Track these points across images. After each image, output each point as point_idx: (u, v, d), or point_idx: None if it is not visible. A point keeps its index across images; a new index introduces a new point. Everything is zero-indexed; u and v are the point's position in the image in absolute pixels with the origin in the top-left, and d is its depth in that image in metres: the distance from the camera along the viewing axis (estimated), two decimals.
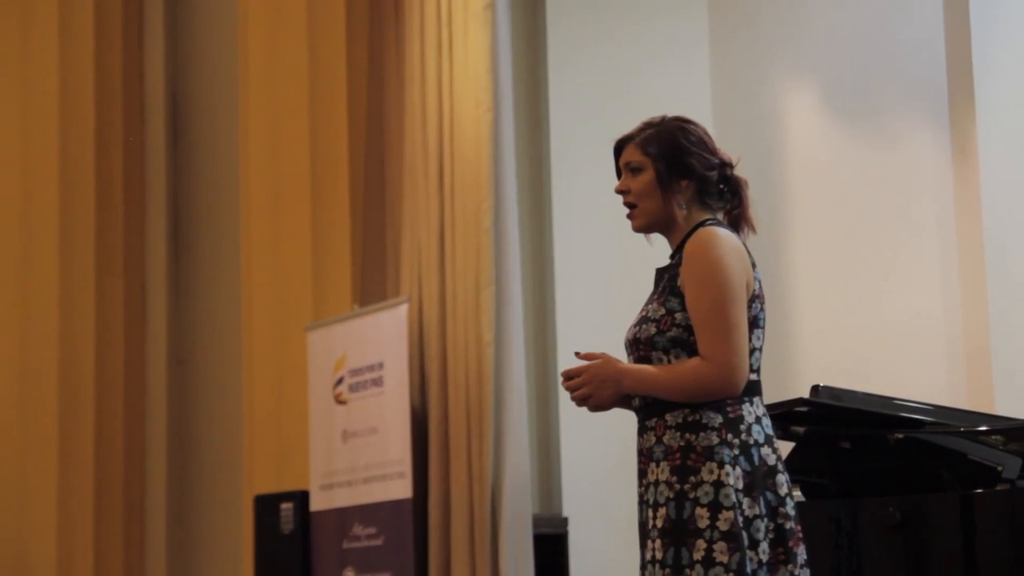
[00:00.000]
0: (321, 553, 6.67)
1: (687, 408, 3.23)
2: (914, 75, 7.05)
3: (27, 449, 7.98)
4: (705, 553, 3.18)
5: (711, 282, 3.22)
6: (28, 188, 8.16)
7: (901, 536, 4.30)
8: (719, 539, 3.17)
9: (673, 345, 3.27)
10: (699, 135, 3.43)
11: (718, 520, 3.17)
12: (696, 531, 3.16)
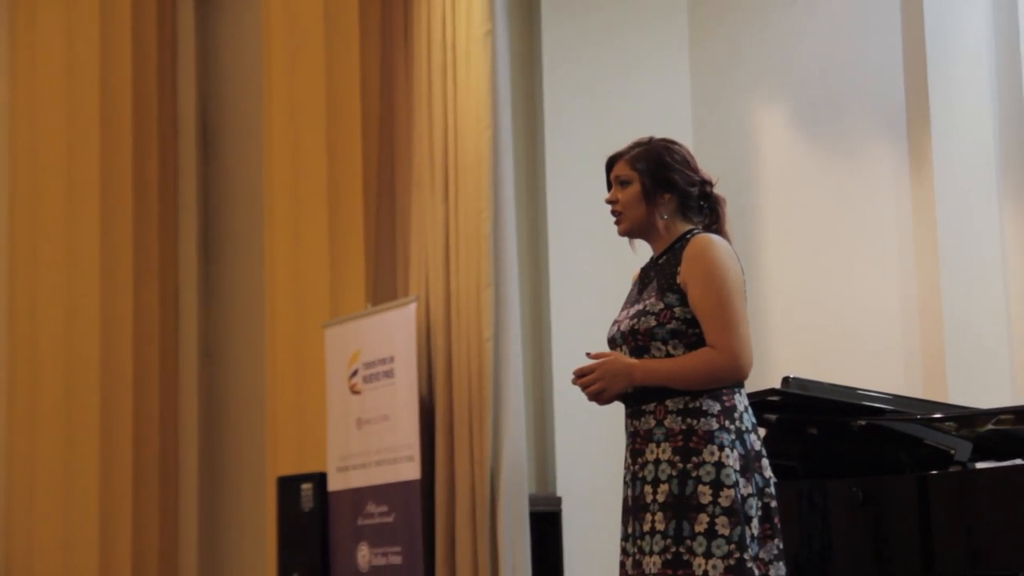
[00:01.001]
0: (338, 529, 6.66)
1: (687, 396, 3.33)
2: (875, 95, 7.04)
3: (72, 433, 7.97)
4: (708, 526, 3.24)
5: (716, 281, 3.34)
6: (72, 197, 8.15)
7: (864, 513, 4.31)
8: (721, 514, 3.24)
9: (672, 336, 3.36)
10: (683, 155, 3.56)
11: (720, 497, 3.25)
12: (699, 506, 3.26)
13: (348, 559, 6.56)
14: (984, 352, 6.68)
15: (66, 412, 7.99)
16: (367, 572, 6.45)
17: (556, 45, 7.19)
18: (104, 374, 8.03)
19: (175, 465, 8.33)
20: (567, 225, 6.99)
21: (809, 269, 7.06)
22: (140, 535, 8.03)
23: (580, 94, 7.15)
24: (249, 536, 8.14)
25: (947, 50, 6.90)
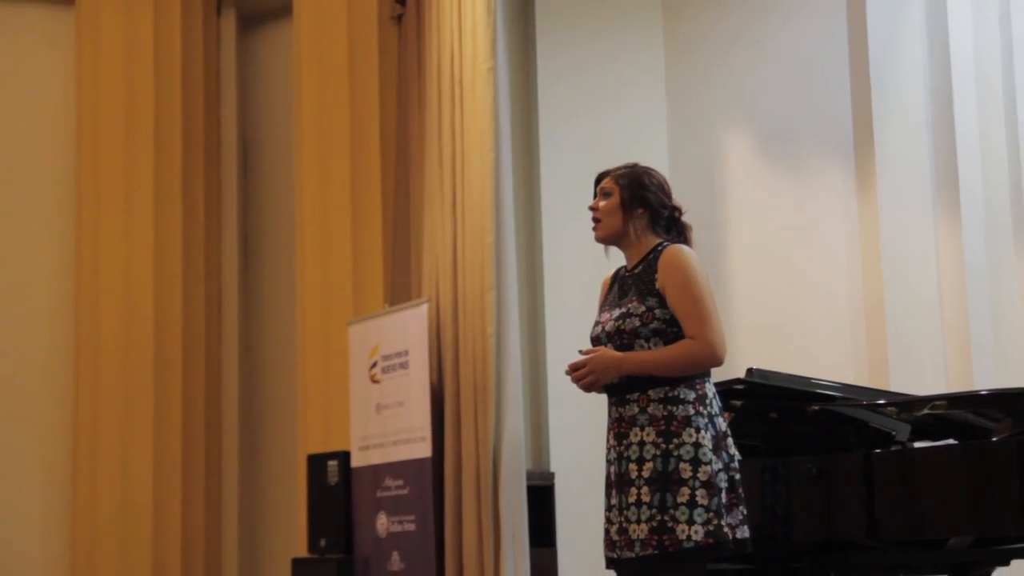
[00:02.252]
0: (360, 501, 6.65)
1: (667, 385, 3.35)
2: (827, 122, 7.06)
3: (129, 418, 7.97)
4: (689, 497, 3.30)
5: (690, 283, 3.39)
6: (129, 211, 8.15)
7: (817, 486, 4.32)
8: (700, 487, 3.31)
9: (653, 334, 3.41)
10: (659, 181, 3.69)
11: (698, 472, 3.31)
12: (680, 480, 3.28)
13: (368, 527, 6.54)
14: (921, 346, 6.68)
15: (124, 398, 7.98)
16: (385, 538, 6.43)
17: (549, 79, 7.21)
18: (157, 366, 8.01)
19: (219, 444, 8.31)
20: (559, 236, 7.00)
21: (770, 274, 7.06)
22: (188, 504, 8.01)
23: (570, 120, 7.16)
24: (282, 506, 8.12)
25: (889, 85, 6.90)
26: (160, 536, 7.89)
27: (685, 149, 7.15)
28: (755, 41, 7.23)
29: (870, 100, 6.88)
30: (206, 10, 8.49)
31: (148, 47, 8.23)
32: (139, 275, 8.07)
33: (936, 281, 6.76)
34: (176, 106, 8.24)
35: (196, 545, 8.02)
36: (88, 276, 8.18)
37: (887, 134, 6.85)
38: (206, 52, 8.48)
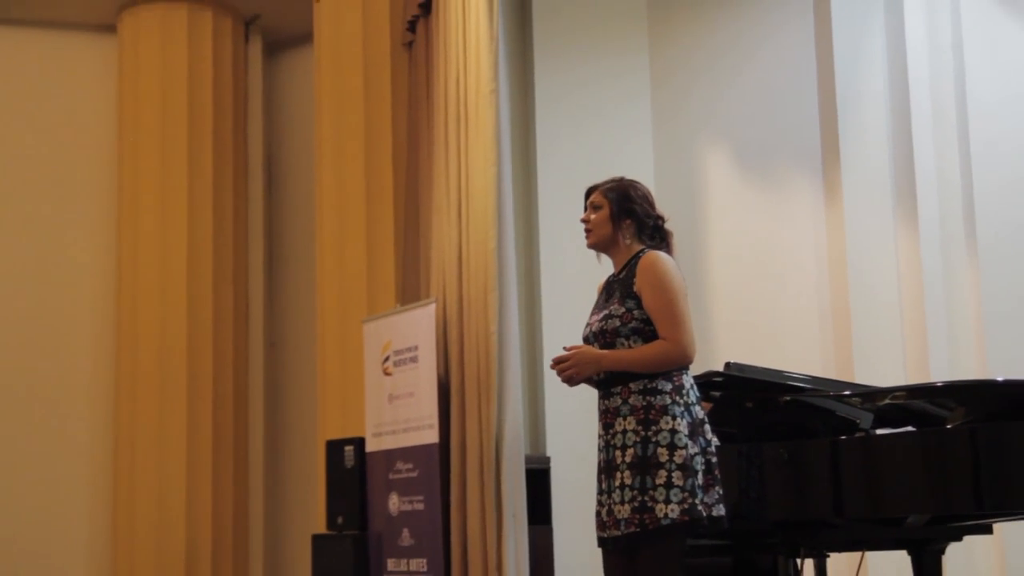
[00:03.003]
0: (374, 482, 6.63)
1: (645, 379, 3.35)
2: (797, 141, 7.07)
3: (164, 407, 8.00)
4: (666, 479, 3.30)
5: (664, 287, 3.39)
6: (165, 219, 8.19)
7: (788, 469, 4.32)
8: (676, 469, 3.30)
9: (632, 333, 3.41)
10: (644, 193, 3.69)
11: (674, 456, 3.29)
12: (658, 464, 3.27)
13: (381, 506, 6.53)
14: (882, 342, 6.68)
15: (159, 389, 8.00)
16: (396, 516, 6.42)
17: (546, 99, 7.21)
18: (190, 360, 8.04)
19: (245, 430, 8.34)
20: (555, 242, 7.00)
21: (745, 276, 7.06)
22: (217, 485, 8.04)
23: (565, 137, 7.17)
24: (303, 487, 8.14)
25: (853, 106, 6.91)
26: (192, 513, 7.91)
27: (669, 163, 7.15)
28: (732, 66, 7.24)
29: (836, 120, 6.89)
30: (234, 37, 8.52)
31: (182, 71, 8.26)
32: (173, 278, 8.09)
33: (896, 284, 6.77)
34: (207, 124, 8.27)
35: (225, 522, 8.05)
36: (127, 279, 8.20)
37: (851, 150, 6.86)
38: (234, 75, 8.51)
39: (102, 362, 8.33)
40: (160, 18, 8.29)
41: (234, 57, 8.51)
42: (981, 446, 3.90)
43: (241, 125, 8.53)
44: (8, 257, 8.32)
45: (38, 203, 8.42)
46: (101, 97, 8.54)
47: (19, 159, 8.45)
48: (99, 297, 8.41)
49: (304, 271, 8.30)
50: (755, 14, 7.23)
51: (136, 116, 8.31)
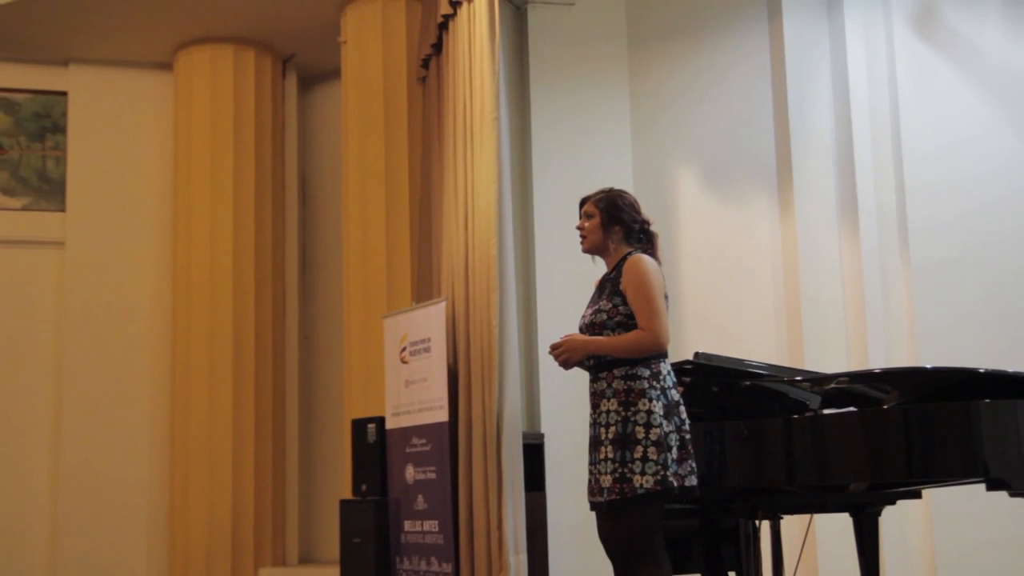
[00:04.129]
0: (392, 455, 6.64)
1: (627, 365, 3.34)
2: (755, 161, 7.08)
3: (213, 390, 7.99)
4: (642, 454, 3.30)
5: (644, 286, 3.38)
6: (214, 230, 8.17)
7: (748, 444, 4.32)
8: (651, 445, 3.28)
9: (617, 326, 3.41)
10: (631, 202, 3.64)
11: (650, 434, 3.27)
12: (636, 440, 3.26)
13: (399, 475, 6.54)
14: (828, 335, 6.69)
15: (209, 376, 7.99)
16: (412, 484, 6.43)
17: (540, 125, 7.23)
18: (235, 350, 8.03)
19: (282, 411, 8.32)
20: (548, 248, 7.02)
21: (711, 277, 7.06)
22: (259, 458, 8.03)
23: (556, 157, 7.18)
24: (332, 459, 8.13)
25: (803, 131, 6.92)
26: (238, 482, 7.91)
27: (645, 179, 7.16)
28: (699, 96, 7.25)
29: (789, 143, 6.91)
30: (273, 73, 8.53)
31: (229, 102, 8.26)
32: (221, 280, 8.08)
33: (840, 285, 6.77)
34: (250, 148, 8.26)
35: (265, 489, 8.04)
36: (181, 283, 8.20)
37: (802, 170, 6.87)
38: (273, 106, 8.51)
39: (160, 353, 8.33)
40: (210, 57, 8.29)
41: (273, 90, 8.51)
42: (912, 424, 3.90)
43: (279, 148, 8.53)
44: (84, 266, 8.32)
45: (108, 216, 8.41)
46: (161, 124, 8.55)
47: (93, 178, 8.45)
48: (158, 297, 8.40)
49: (333, 273, 8.29)
50: (718, 52, 7.23)
51: (189, 140, 8.30)
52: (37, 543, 8.12)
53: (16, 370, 8.24)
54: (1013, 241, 6.92)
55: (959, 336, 6.64)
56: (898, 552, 6.38)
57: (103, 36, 8.18)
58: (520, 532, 5.82)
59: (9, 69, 8.46)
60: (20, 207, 8.43)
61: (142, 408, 8.28)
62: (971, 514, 6.22)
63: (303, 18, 7.94)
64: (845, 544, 5.16)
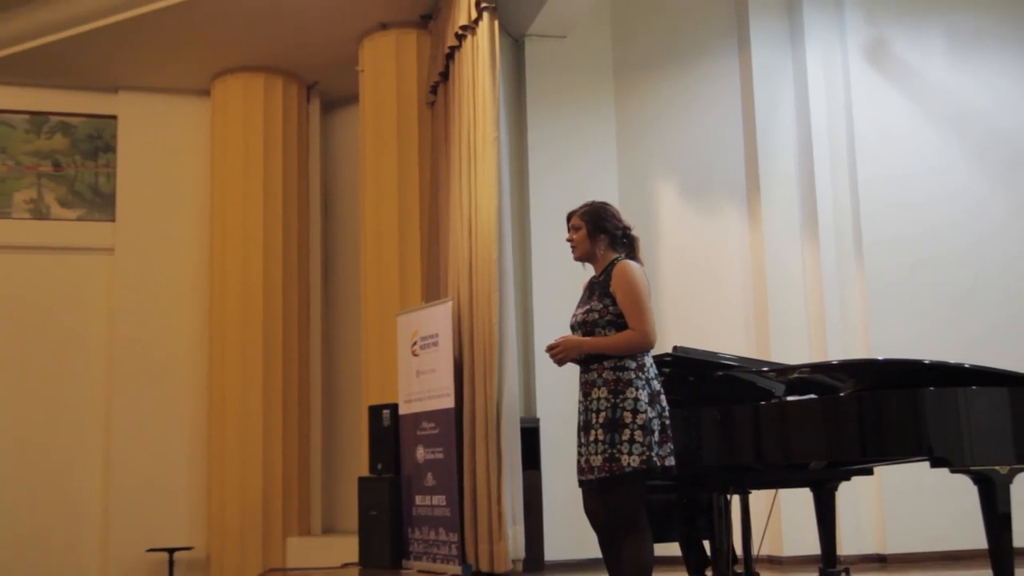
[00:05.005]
0: (405, 437, 6.63)
1: (615, 359, 3.31)
2: (728, 178, 7.09)
3: (246, 381, 7.99)
4: (629, 437, 3.27)
5: (632, 290, 3.36)
6: (246, 239, 8.16)
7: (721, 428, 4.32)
8: (637, 429, 3.27)
9: (608, 324, 3.39)
10: (613, 212, 3.62)
11: (636, 419, 3.27)
12: (624, 424, 3.25)
13: (411, 455, 6.53)
14: (792, 330, 6.70)
15: (242, 369, 7.98)
16: (422, 463, 6.42)
17: (536, 144, 7.24)
18: (265, 345, 8.02)
19: (307, 398, 8.31)
20: (543, 254, 7.02)
21: (689, 279, 7.06)
22: (287, 440, 8.03)
23: (550, 172, 7.19)
24: (351, 441, 8.13)
25: (769, 151, 6.93)
26: (268, 461, 7.91)
27: (630, 192, 7.16)
28: (677, 118, 7.26)
29: (757, 161, 6.91)
30: (299, 98, 8.52)
31: (259, 124, 8.26)
32: (252, 282, 8.08)
33: (802, 286, 6.78)
34: (278, 165, 8.26)
35: (291, 468, 8.04)
36: (217, 284, 8.21)
37: (768, 184, 6.88)
38: (299, 128, 8.51)
39: (199, 347, 8.33)
40: (243, 84, 8.28)
41: (298, 114, 8.51)
42: (865, 409, 3.89)
43: (304, 166, 8.52)
44: (131, 269, 8.33)
45: (153, 225, 8.42)
46: (199, 144, 8.56)
47: (139, 192, 8.45)
48: (196, 298, 8.41)
49: (351, 277, 8.28)
50: (694, 79, 7.24)
51: (224, 158, 8.31)
52: (92, 515, 8.12)
53: (72, 360, 8.25)
54: (956, 247, 6.95)
55: (907, 331, 6.66)
56: (852, 522, 6.38)
57: (148, 66, 8.19)
58: (517, 506, 5.81)
59: (66, 96, 8.49)
60: (75, 218, 8.45)
61: (183, 395, 8.29)
62: (917, 488, 6.23)
63: (325, 49, 7.95)
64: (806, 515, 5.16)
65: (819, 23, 6.98)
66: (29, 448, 8.09)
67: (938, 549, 6.35)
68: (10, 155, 8.43)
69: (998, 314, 6.92)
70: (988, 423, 3.78)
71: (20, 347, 8.17)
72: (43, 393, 8.15)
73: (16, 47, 7.84)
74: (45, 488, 8.07)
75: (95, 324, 8.30)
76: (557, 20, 7.06)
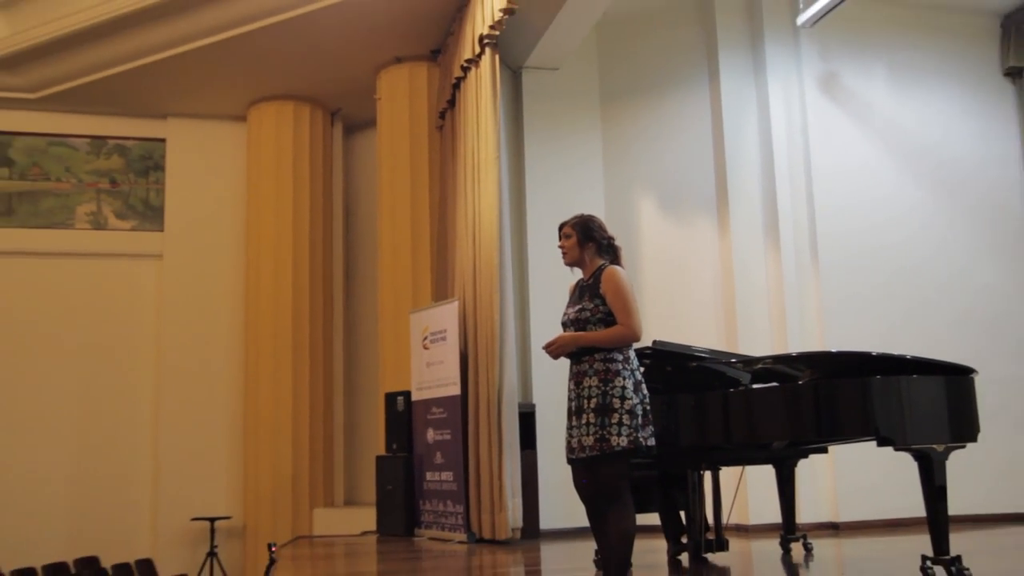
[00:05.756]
0: (417, 420, 6.62)
1: (605, 351, 3.29)
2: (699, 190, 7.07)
3: (277, 372, 7.98)
4: (618, 420, 3.25)
5: (620, 291, 3.35)
6: (277, 247, 8.17)
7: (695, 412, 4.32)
8: (624, 413, 3.26)
9: (598, 321, 3.39)
10: (599, 223, 3.60)
11: (624, 404, 3.26)
12: (612, 409, 3.24)
13: (422, 436, 6.52)
14: (756, 326, 6.68)
15: (273, 361, 7.97)
16: (432, 444, 6.41)
17: (532, 162, 7.21)
18: (294, 340, 8.01)
19: (331, 387, 8.30)
20: (539, 259, 6.99)
21: (666, 281, 7.05)
22: (313, 423, 8.01)
23: (545, 187, 7.17)
24: (370, 424, 8.12)
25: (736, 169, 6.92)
26: (296, 442, 7.90)
27: (615, 205, 7.16)
28: (656, 139, 7.24)
29: (725, 177, 6.90)
30: (324, 123, 8.52)
31: (289, 146, 8.26)
32: (283, 285, 8.08)
33: (765, 286, 6.77)
34: (305, 182, 8.26)
35: (317, 447, 8.03)
36: (252, 287, 8.20)
37: (735, 198, 6.87)
38: (324, 149, 8.50)
39: (236, 341, 8.33)
40: (275, 111, 8.28)
41: (323, 137, 8.50)
42: (821, 395, 3.89)
43: (328, 182, 8.52)
44: (177, 273, 8.34)
45: (196, 234, 8.42)
46: (236, 163, 8.57)
47: (185, 205, 8.46)
48: (234, 298, 8.41)
49: (370, 279, 8.29)
50: (671, 106, 7.23)
51: (259, 175, 8.31)
52: (144, 489, 8.12)
53: (126, 351, 8.25)
54: (899, 250, 6.98)
55: (857, 326, 6.66)
56: (810, 494, 6.38)
57: (193, 96, 8.19)
58: (516, 481, 5.80)
59: (122, 122, 8.51)
60: (129, 228, 8.46)
61: (223, 383, 8.28)
62: (865, 464, 6.23)
63: (347, 80, 7.95)
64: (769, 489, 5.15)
65: (779, 58, 6.99)
66: (90, 430, 8.11)
67: (884, 517, 6.35)
68: (73, 174, 8.45)
69: (936, 311, 6.94)
70: (927, 407, 3.78)
71: (82, 340, 8.20)
72: (101, 380, 8.18)
73: (79, 80, 7.87)
74: (104, 465, 8.09)
75: (146, 320, 8.31)
76: (550, 54, 7.06)
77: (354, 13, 6.90)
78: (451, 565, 4.84)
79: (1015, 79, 7.41)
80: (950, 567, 3.66)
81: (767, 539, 5.63)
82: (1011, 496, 6.74)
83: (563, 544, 5.76)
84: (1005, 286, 7.16)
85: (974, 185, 7.27)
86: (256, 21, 7.05)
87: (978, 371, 3.97)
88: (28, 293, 8.20)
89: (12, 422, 8.02)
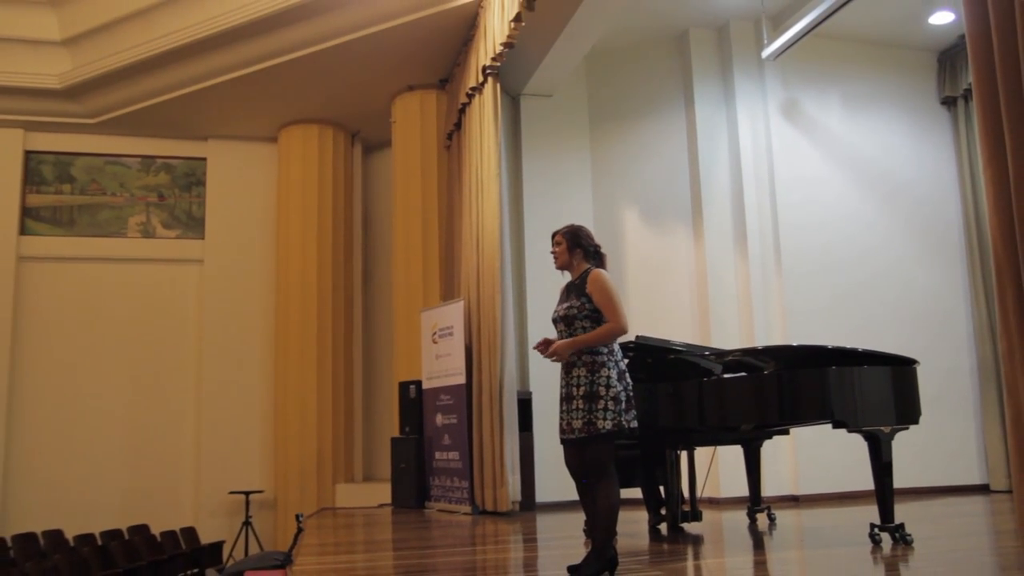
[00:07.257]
0: (427, 407, 6.61)
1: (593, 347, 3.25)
2: (677, 203, 7.05)
3: (303, 365, 7.97)
4: (603, 406, 3.23)
5: (605, 291, 3.33)
6: (304, 255, 8.16)
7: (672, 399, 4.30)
8: (609, 400, 3.23)
9: (585, 318, 3.35)
10: (587, 232, 3.57)
11: (609, 392, 3.23)
12: (599, 396, 3.22)
13: (432, 420, 6.51)
14: (727, 322, 6.68)
15: (300, 354, 7.95)
16: (440, 427, 6.40)
17: (529, 177, 7.20)
18: (318, 336, 7.98)
19: (351, 377, 8.28)
20: (535, 264, 6.98)
21: (648, 282, 7.04)
22: (335, 410, 7.99)
23: (541, 200, 7.15)
24: (386, 409, 8.10)
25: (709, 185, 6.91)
26: (320, 426, 7.88)
27: (602, 216, 7.16)
28: (639, 159, 7.24)
29: (700, 192, 6.90)
30: (345, 143, 8.51)
31: (315, 164, 8.24)
32: (309, 288, 8.06)
33: (735, 287, 6.76)
34: (328, 196, 8.24)
35: (339, 429, 8.02)
36: (282, 289, 8.18)
37: (709, 210, 6.87)
38: (345, 166, 8.49)
39: (268, 337, 8.31)
40: (302, 133, 8.28)
41: (345, 156, 8.49)
42: (783, 384, 3.90)
43: (349, 196, 8.51)
44: (216, 277, 8.34)
45: (233, 242, 8.42)
46: (268, 180, 8.57)
47: (223, 216, 8.46)
48: (265, 298, 8.40)
49: (385, 281, 8.27)
50: (652, 129, 7.24)
51: (288, 191, 8.30)
52: (187, 466, 8.12)
53: (172, 344, 8.25)
54: (854, 256, 6.98)
55: (816, 322, 6.66)
56: (773, 471, 6.38)
57: (230, 120, 8.19)
58: (515, 460, 5.80)
59: (168, 143, 8.52)
60: (174, 236, 8.47)
61: (256, 372, 8.27)
62: (822, 444, 6.23)
63: (366, 105, 7.95)
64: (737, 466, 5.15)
65: (746, 87, 7.00)
66: (141, 414, 8.12)
67: (838, 490, 6.35)
68: (126, 189, 8.48)
69: (883, 310, 6.95)
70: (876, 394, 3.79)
71: (133, 334, 8.20)
72: (150, 370, 8.18)
73: (131, 107, 7.92)
74: (152, 445, 8.09)
75: (189, 317, 8.32)
76: (545, 83, 7.07)
77: (372, 47, 6.92)
78: (458, 534, 4.85)
79: (950, 107, 7.46)
80: (894, 533, 3.68)
81: (736, 510, 5.63)
82: (947, 471, 6.76)
83: (556, 515, 5.76)
84: (942, 288, 7.18)
85: (916, 199, 7.29)
86: (286, 54, 7.07)
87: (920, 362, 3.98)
88: (87, 293, 8.23)
89: (74, 407, 8.04)
